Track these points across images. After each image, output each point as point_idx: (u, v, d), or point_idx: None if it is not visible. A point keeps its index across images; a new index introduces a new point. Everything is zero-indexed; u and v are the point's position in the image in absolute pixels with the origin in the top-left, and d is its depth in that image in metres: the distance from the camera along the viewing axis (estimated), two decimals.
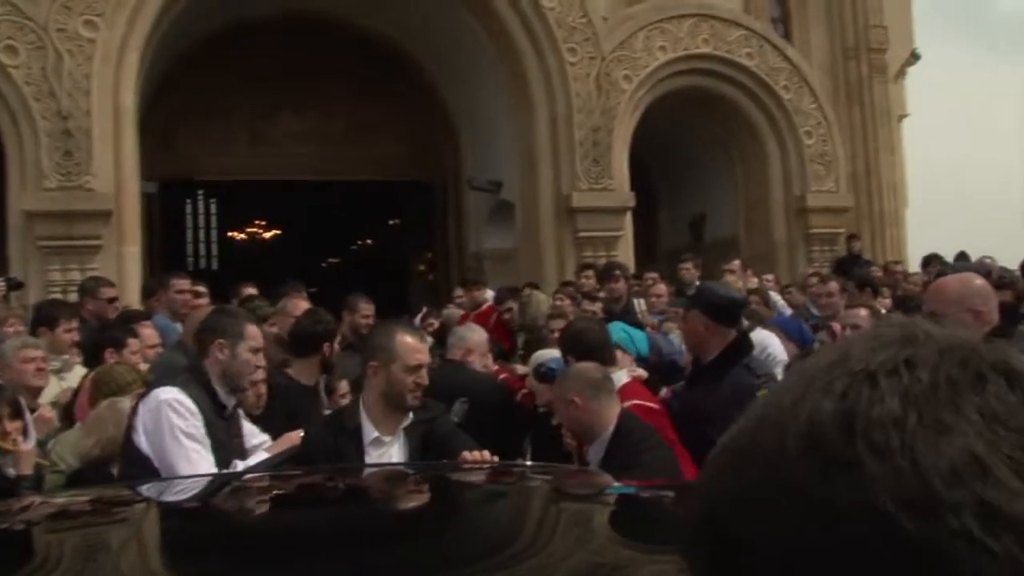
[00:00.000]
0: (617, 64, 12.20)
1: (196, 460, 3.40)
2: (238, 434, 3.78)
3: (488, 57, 12.58)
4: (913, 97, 17.38)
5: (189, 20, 11.45)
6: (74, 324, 5.79)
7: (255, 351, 3.72)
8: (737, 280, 9.04)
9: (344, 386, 5.40)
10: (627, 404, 4.00)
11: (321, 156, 14.62)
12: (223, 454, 3.49)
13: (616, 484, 2.93)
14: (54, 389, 5.15)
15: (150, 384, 3.77)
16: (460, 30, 12.63)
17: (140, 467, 3.38)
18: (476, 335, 5.39)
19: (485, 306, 7.88)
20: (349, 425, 3.56)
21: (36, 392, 4.79)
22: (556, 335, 5.87)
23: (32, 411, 4.48)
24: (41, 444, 4.15)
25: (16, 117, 9.74)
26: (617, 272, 8.10)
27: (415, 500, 2.74)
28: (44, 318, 5.85)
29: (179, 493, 2.77)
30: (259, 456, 3.75)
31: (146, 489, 2.92)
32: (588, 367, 4.11)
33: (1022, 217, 14.01)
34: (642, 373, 4.66)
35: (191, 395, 3.50)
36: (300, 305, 5.68)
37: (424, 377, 3.54)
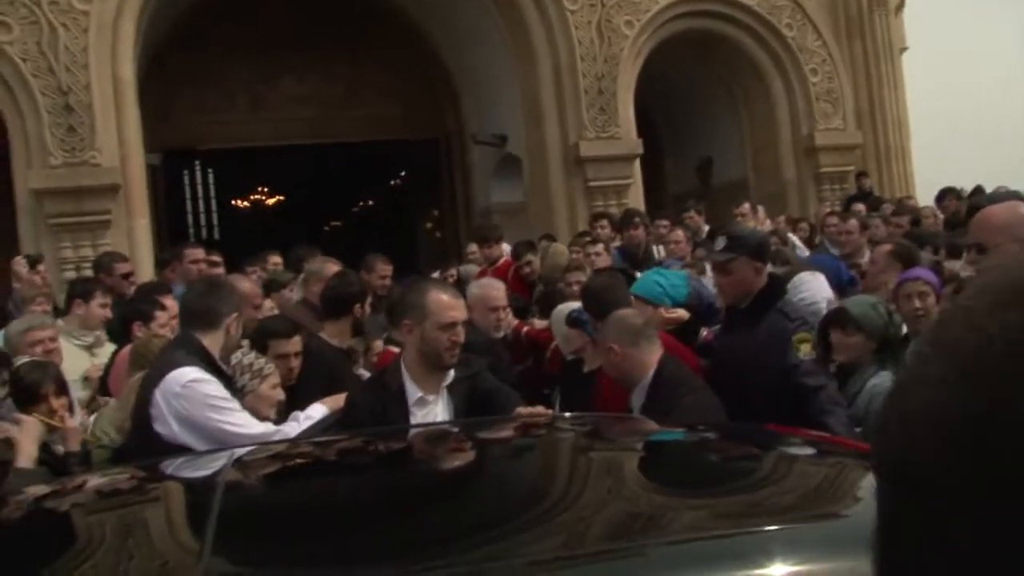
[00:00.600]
0: (618, 10, 12.03)
1: (250, 423, 3.41)
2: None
3: (486, 10, 12.40)
4: (912, 30, 17.17)
5: None
6: (108, 299, 5.75)
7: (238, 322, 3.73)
8: (750, 221, 8.99)
9: (379, 345, 5.38)
10: None
11: (322, 119, 14.52)
12: None
13: (659, 429, 2.94)
14: (84, 364, 5.12)
15: (156, 368, 3.57)
16: None
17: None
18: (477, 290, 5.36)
19: (502, 261, 7.80)
20: (392, 386, 3.53)
21: None
22: (573, 287, 5.91)
23: None
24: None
25: (15, 94, 9.62)
26: (637, 219, 8.05)
27: (470, 459, 2.72)
28: (80, 291, 5.81)
29: (214, 465, 2.72)
30: (315, 412, 3.74)
31: (188, 463, 2.91)
32: (627, 314, 4.09)
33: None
34: (682, 314, 4.60)
35: (202, 370, 3.47)
36: (331, 268, 5.63)
37: (459, 334, 3.49)
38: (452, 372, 3.56)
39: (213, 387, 3.43)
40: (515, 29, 12.13)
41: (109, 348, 5.25)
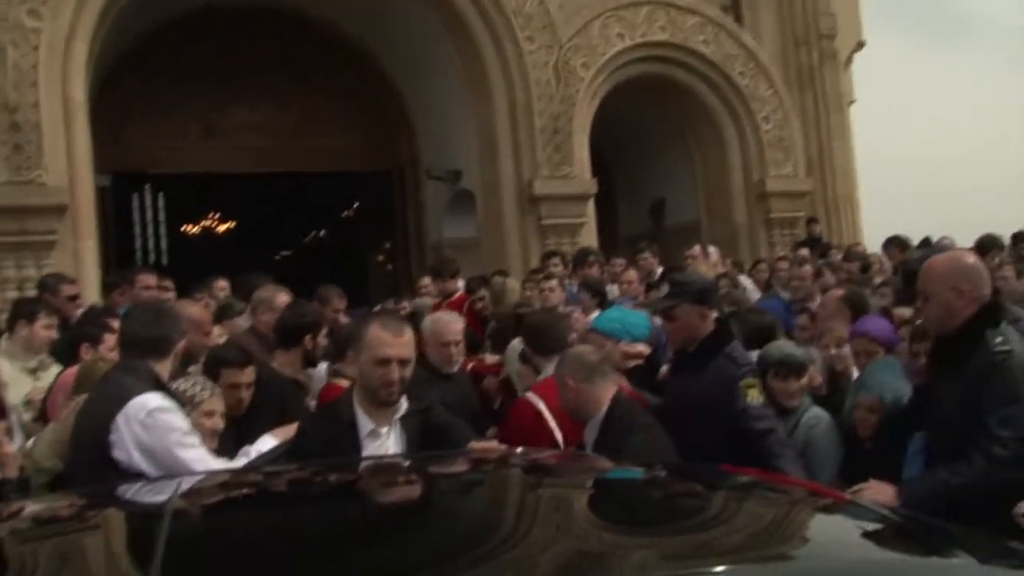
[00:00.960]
0: (575, 52, 12.18)
1: (207, 459, 3.35)
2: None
3: (443, 46, 12.48)
4: (859, 84, 17.61)
5: (137, 10, 11.18)
6: (53, 320, 5.57)
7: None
8: (701, 265, 9.07)
9: (322, 368, 5.31)
10: None
11: (275, 148, 14.42)
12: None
13: (611, 467, 2.92)
14: (27, 388, 4.96)
15: (109, 394, 3.46)
16: (414, 19, 12.53)
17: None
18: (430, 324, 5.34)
19: (457, 295, 7.77)
20: (344, 417, 3.47)
21: None
22: None
23: None
24: None
25: None
26: (591, 258, 8.09)
27: (418, 492, 2.68)
28: (24, 312, 5.61)
29: (161, 494, 2.65)
30: (264, 445, 3.67)
31: (129, 490, 2.83)
32: (584, 350, 4.10)
33: (966, 200, 14.28)
34: (642, 348, 4.63)
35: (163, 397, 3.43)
36: (281, 297, 5.57)
37: (393, 371, 3.34)
38: (404, 405, 3.50)
39: (177, 418, 3.38)
40: (471, 65, 12.21)
41: (54, 371, 5.07)
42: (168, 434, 3.31)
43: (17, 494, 3.42)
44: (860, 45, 16.71)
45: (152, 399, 3.35)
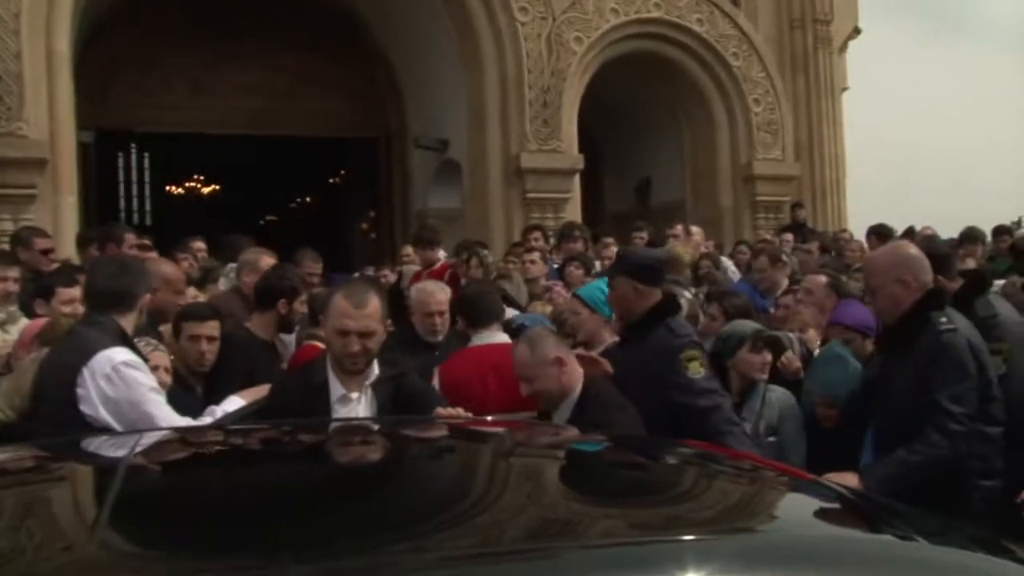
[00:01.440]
0: (568, 25, 12.09)
1: (172, 416, 3.33)
2: None
3: (435, 14, 12.37)
4: (854, 71, 17.57)
5: None
6: (11, 273, 5.49)
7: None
8: (678, 244, 9.00)
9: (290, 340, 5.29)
10: None
11: (265, 110, 14.30)
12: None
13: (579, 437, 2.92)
14: None
15: (74, 346, 3.42)
16: None
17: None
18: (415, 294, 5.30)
19: (439, 264, 7.72)
20: (316, 381, 3.47)
21: None
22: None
23: None
24: None
25: None
26: (576, 232, 8.04)
27: (382, 455, 2.66)
28: None
29: (121, 448, 2.60)
30: (230, 406, 3.64)
31: (89, 444, 2.79)
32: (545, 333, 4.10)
33: (957, 193, 14.32)
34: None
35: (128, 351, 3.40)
36: (265, 260, 5.56)
37: (352, 344, 3.33)
38: (376, 371, 3.49)
39: (144, 374, 3.36)
40: (464, 35, 12.10)
41: (23, 324, 5.03)
42: (134, 389, 3.28)
43: None
44: (856, 31, 16.67)
45: (118, 353, 3.32)
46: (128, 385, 3.27)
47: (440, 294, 5.14)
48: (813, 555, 1.61)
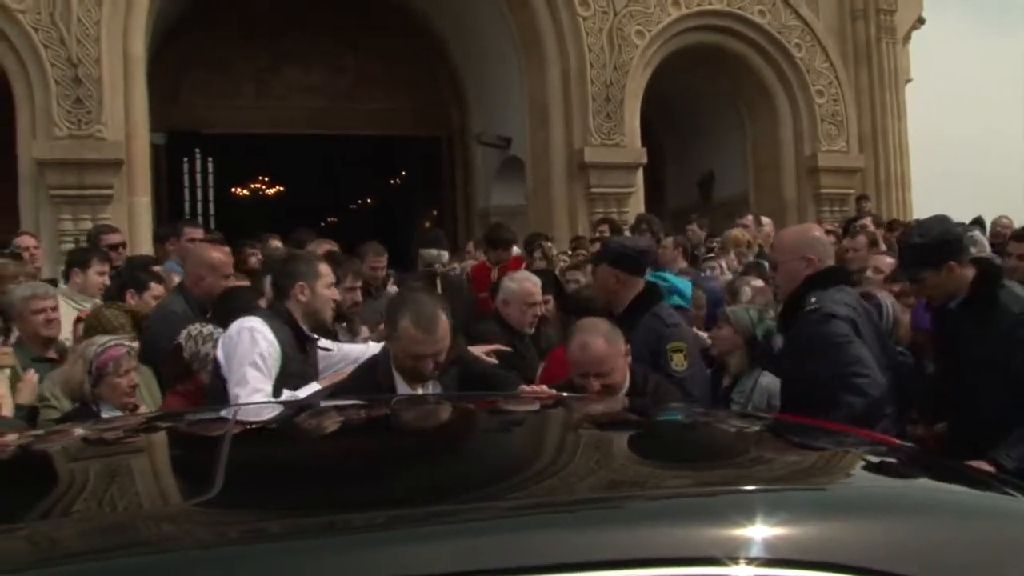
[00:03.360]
0: (630, 19, 12.09)
1: (253, 384, 3.49)
2: (315, 365, 3.93)
3: (496, 12, 12.45)
4: (918, 63, 17.30)
5: None
6: (106, 267, 5.79)
7: (330, 287, 3.90)
8: (745, 234, 8.91)
9: (365, 331, 5.36)
10: None
11: (327, 110, 14.53)
12: (299, 383, 3.65)
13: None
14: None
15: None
16: None
17: (221, 392, 3.57)
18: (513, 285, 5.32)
19: (511, 259, 7.73)
20: (383, 383, 3.42)
21: (47, 342, 4.70)
22: (571, 286, 5.99)
23: (46, 361, 4.50)
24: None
25: (25, 64, 9.63)
26: (644, 225, 8.04)
27: (475, 425, 2.72)
28: (77, 260, 5.86)
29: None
30: (309, 389, 3.75)
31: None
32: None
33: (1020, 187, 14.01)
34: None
35: (272, 326, 3.65)
36: (323, 247, 5.69)
37: (427, 365, 3.32)
38: None
39: (255, 347, 3.59)
40: (526, 31, 12.16)
41: None
42: (241, 350, 3.58)
43: (25, 423, 3.63)
44: (920, 22, 16.40)
45: (251, 320, 3.68)
46: (235, 347, 3.63)
47: (537, 285, 5.18)
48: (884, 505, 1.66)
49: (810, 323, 3.58)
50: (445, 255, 7.62)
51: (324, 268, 3.93)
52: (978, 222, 10.36)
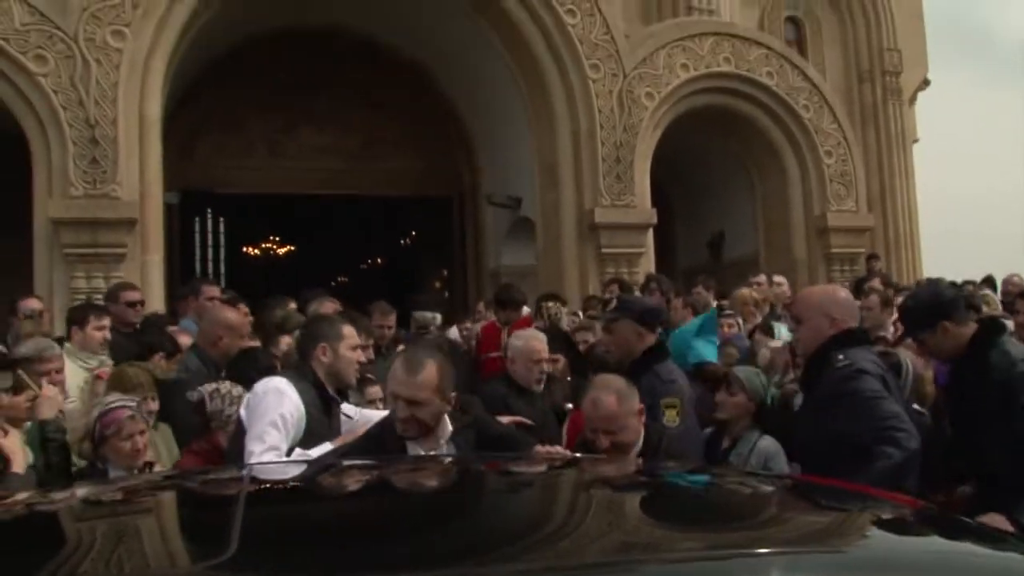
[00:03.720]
0: (639, 81, 12.24)
1: (269, 442, 3.51)
2: (338, 427, 3.93)
3: (507, 73, 12.62)
4: (923, 123, 17.44)
5: (213, 32, 11.50)
6: (104, 322, 5.76)
7: (354, 348, 3.93)
8: (752, 294, 8.87)
9: (376, 391, 5.32)
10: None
11: (338, 170, 14.67)
12: (321, 441, 3.66)
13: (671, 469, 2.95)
14: (80, 379, 5.12)
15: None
16: (479, 45, 12.69)
17: (240, 454, 3.56)
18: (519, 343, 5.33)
19: (521, 319, 7.74)
20: (392, 447, 3.39)
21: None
22: (581, 347, 6.07)
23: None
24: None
25: (44, 124, 9.76)
26: (653, 284, 8.05)
27: (486, 487, 2.71)
28: (75, 318, 5.86)
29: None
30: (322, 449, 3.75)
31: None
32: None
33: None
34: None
35: (297, 387, 3.68)
36: (328, 307, 5.73)
37: (401, 410, 3.31)
38: (448, 427, 3.44)
39: (277, 406, 3.61)
40: (536, 93, 12.31)
41: None
42: (263, 407, 3.61)
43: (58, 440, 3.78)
44: (926, 83, 16.58)
45: (278, 380, 3.73)
46: (258, 404, 3.67)
47: (543, 342, 5.21)
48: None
49: (841, 379, 3.59)
50: (438, 317, 7.71)
51: (348, 330, 3.95)
52: (988, 281, 10.36)
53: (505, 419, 4.03)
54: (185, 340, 5.96)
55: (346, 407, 4.09)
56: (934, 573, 1.64)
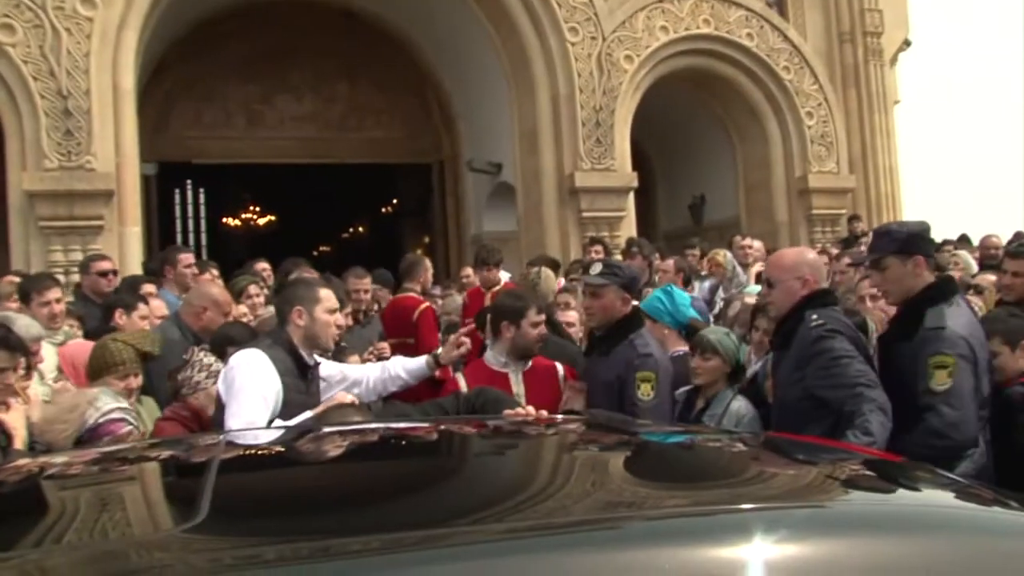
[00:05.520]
0: (618, 44, 12.16)
1: (247, 416, 3.44)
2: (316, 392, 3.87)
3: (485, 38, 12.52)
4: (904, 84, 17.42)
5: (186, 1, 11.34)
6: (48, 296, 5.43)
7: (332, 311, 3.83)
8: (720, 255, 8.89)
9: (354, 359, 5.30)
10: None
11: (319, 139, 14.59)
12: (300, 409, 3.56)
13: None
14: (53, 360, 4.97)
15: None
16: (458, 12, 12.58)
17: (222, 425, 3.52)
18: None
19: (501, 285, 7.71)
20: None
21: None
22: (563, 308, 6.04)
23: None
24: None
25: (15, 96, 9.62)
26: (635, 248, 8.05)
27: (459, 449, 2.70)
28: (21, 294, 5.62)
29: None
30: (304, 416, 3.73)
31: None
32: None
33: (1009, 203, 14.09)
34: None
35: (272, 356, 3.62)
36: (306, 274, 5.73)
37: None
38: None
39: (261, 379, 3.55)
40: (515, 58, 12.23)
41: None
42: (237, 382, 3.54)
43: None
44: (907, 43, 16.53)
45: (250, 352, 3.65)
46: (232, 379, 3.58)
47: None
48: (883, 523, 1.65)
49: (816, 339, 3.59)
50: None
51: (325, 293, 3.86)
52: (964, 240, 10.37)
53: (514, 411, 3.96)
54: (159, 306, 5.91)
55: (324, 369, 4.03)
56: (915, 527, 1.64)
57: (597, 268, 4.46)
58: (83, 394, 3.93)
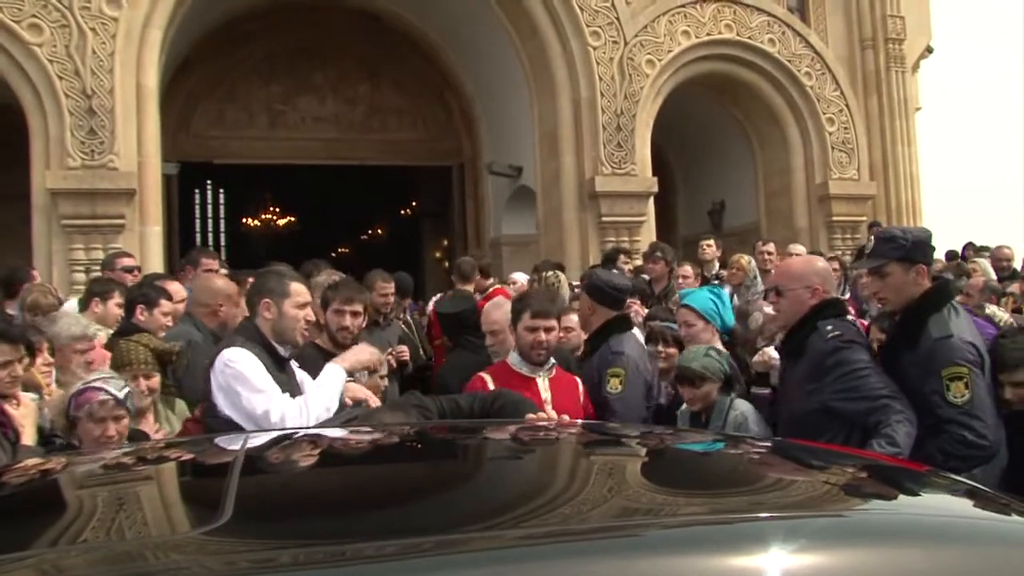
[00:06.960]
0: (640, 48, 12.14)
1: (272, 396, 3.48)
2: (296, 384, 3.82)
3: (508, 41, 12.53)
4: (925, 91, 17.32)
5: (210, 1, 11.40)
6: (122, 300, 5.60)
7: (301, 306, 3.73)
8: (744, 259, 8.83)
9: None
10: None
11: (338, 141, 14.61)
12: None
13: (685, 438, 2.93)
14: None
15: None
16: (480, 14, 12.59)
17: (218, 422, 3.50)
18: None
19: (492, 289, 7.75)
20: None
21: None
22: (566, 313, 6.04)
23: None
24: None
25: (40, 95, 9.70)
26: (658, 253, 8.02)
27: (477, 452, 2.70)
28: (98, 291, 5.77)
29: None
30: (320, 384, 3.78)
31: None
32: None
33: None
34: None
35: (251, 351, 3.59)
36: (332, 278, 5.68)
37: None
38: None
39: (248, 367, 3.53)
40: (537, 61, 12.23)
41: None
42: (239, 377, 3.51)
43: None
44: (929, 50, 16.43)
45: (230, 350, 3.58)
46: (230, 377, 3.53)
47: (504, 312, 5.16)
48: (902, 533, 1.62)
49: (832, 350, 3.57)
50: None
51: (296, 287, 3.76)
52: (970, 247, 10.26)
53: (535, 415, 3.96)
54: (175, 288, 5.91)
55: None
56: (938, 537, 1.62)
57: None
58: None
